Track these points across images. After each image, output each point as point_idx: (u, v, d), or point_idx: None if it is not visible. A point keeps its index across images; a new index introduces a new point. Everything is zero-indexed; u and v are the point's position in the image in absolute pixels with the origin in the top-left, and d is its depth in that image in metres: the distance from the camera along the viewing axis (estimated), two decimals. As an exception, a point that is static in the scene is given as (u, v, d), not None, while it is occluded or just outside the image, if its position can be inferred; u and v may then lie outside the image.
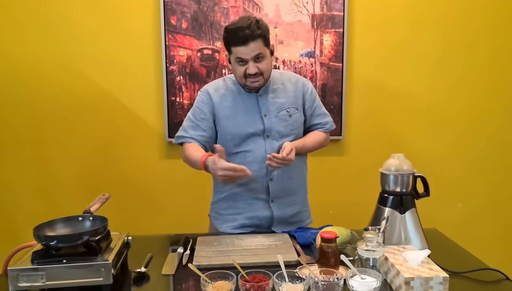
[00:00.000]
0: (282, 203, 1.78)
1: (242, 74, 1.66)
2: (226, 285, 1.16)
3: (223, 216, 1.84)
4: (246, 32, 1.59)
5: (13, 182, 2.54)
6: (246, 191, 1.76)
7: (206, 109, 1.77)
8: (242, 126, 1.73)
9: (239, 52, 1.62)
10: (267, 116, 1.74)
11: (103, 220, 1.34)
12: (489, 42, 2.60)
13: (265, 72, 1.67)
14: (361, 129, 2.61)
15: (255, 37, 1.60)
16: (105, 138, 2.54)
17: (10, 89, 2.47)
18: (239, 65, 1.66)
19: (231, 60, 1.70)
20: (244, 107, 1.75)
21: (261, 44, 1.63)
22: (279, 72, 1.87)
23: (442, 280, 1.16)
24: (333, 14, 2.49)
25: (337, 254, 1.29)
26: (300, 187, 1.85)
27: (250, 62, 1.63)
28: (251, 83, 1.68)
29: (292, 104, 1.78)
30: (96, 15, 2.44)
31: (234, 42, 1.62)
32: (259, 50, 1.62)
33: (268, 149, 1.72)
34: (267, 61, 1.67)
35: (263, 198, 1.76)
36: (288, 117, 1.76)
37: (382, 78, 2.59)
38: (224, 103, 1.76)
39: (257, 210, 1.77)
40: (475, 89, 2.63)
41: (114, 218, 1.50)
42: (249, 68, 1.64)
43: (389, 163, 1.57)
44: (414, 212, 1.55)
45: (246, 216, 1.78)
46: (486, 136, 2.67)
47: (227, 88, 1.79)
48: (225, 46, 1.69)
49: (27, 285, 1.18)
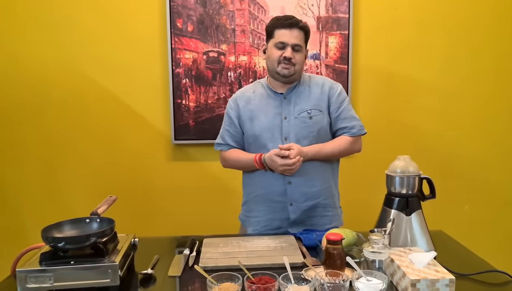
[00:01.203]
0: (301, 207, 1.78)
1: (277, 57, 1.72)
2: (232, 286, 1.16)
3: (249, 218, 1.88)
4: (293, 20, 1.73)
5: (20, 184, 2.56)
6: (266, 194, 1.79)
7: (232, 115, 1.85)
8: (261, 128, 1.78)
9: (282, 35, 1.71)
10: (287, 119, 1.77)
11: (110, 222, 1.35)
12: (495, 44, 2.59)
13: (297, 64, 1.74)
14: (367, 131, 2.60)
15: (300, 27, 1.72)
16: (111, 140, 2.56)
17: (17, 92, 2.50)
18: (277, 49, 1.73)
19: (269, 46, 1.76)
20: (266, 109, 1.79)
21: (302, 37, 1.74)
22: (308, 75, 1.88)
23: (449, 282, 1.15)
24: (338, 16, 2.49)
25: (343, 256, 1.29)
26: (323, 192, 1.81)
27: (288, 47, 1.71)
28: (283, 70, 1.73)
29: (314, 106, 1.78)
30: (102, 18, 2.46)
31: (280, 25, 1.72)
32: (299, 40, 1.72)
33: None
34: (301, 55, 1.76)
35: (281, 201, 1.79)
36: (308, 119, 1.76)
37: (387, 80, 2.59)
38: (248, 106, 1.83)
39: (275, 212, 1.80)
40: (480, 91, 2.62)
41: (121, 220, 1.51)
42: (286, 52, 1.71)
43: (395, 164, 1.56)
44: (420, 214, 1.54)
45: (267, 218, 1.82)
46: (492, 138, 2.66)
47: (254, 91, 1.86)
48: (268, 32, 1.77)
49: (35, 286, 1.19)
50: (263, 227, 1.83)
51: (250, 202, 1.88)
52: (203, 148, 2.56)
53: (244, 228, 1.93)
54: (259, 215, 1.84)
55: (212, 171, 2.56)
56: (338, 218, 1.89)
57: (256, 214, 1.85)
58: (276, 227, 1.82)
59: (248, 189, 1.89)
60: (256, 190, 1.83)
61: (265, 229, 1.83)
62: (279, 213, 1.80)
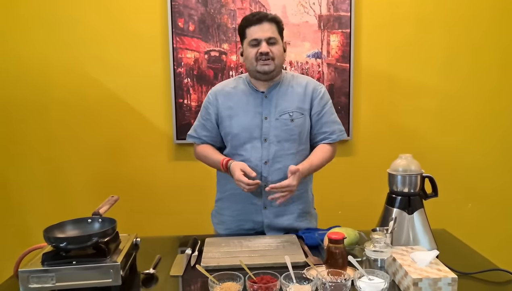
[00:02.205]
0: (275, 210, 1.76)
1: (254, 55, 1.68)
2: (233, 286, 1.16)
3: (222, 216, 1.87)
4: (260, 14, 1.69)
5: (23, 183, 2.57)
6: (241, 194, 1.74)
7: (210, 110, 1.80)
8: (240, 127, 1.73)
9: (253, 33, 1.67)
10: (267, 119, 1.73)
11: (112, 222, 1.35)
12: (497, 41, 2.57)
13: (276, 57, 1.69)
14: (368, 130, 2.61)
15: (269, 19, 1.68)
16: (113, 140, 2.56)
17: (20, 91, 2.50)
18: (251, 48, 1.69)
19: (244, 46, 1.72)
20: (246, 108, 1.74)
21: (274, 29, 1.69)
22: (291, 74, 1.83)
23: (451, 281, 1.15)
24: (340, 14, 2.48)
25: (344, 255, 1.28)
26: (298, 198, 1.78)
27: (263, 42, 1.66)
28: (262, 67, 1.68)
29: (296, 109, 1.74)
30: (104, 18, 2.46)
31: (248, 23, 1.68)
32: (272, 33, 1.67)
33: (265, 154, 1.72)
34: (279, 47, 1.70)
35: (257, 203, 1.76)
36: (290, 121, 1.72)
37: (389, 78, 2.58)
38: (227, 103, 1.77)
39: (250, 214, 1.78)
40: (483, 89, 2.61)
41: (123, 220, 1.51)
42: (261, 47, 1.66)
43: (397, 163, 1.56)
44: (422, 213, 1.54)
45: (240, 218, 1.80)
46: (495, 136, 2.65)
47: (235, 87, 1.80)
48: (240, 33, 1.73)
49: (37, 286, 1.19)
50: (236, 226, 1.81)
51: (225, 199, 1.86)
52: (205, 147, 2.56)
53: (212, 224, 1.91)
54: (233, 214, 1.82)
55: (214, 170, 2.54)
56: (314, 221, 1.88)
57: (230, 213, 1.83)
58: (250, 228, 1.79)
59: (223, 186, 1.86)
60: (231, 188, 1.76)
61: (238, 228, 1.81)
62: (253, 215, 1.77)
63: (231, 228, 1.82)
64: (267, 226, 1.77)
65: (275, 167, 1.71)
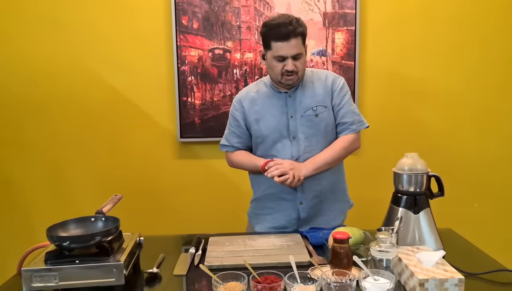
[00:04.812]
0: (310, 206, 1.79)
1: (279, 71, 1.68)
2: (237, 286, 1.16)
3: (259, 215, 1.89)
4: (289, 28, 1.61)
5: (26, 182, 2.58)
6: (276, 192, 1.79)
7: (238, 117, 1.83)
8: (269, 129, 1.76)
9: (279, 49, 1.64)
10: (293, 117, 1.75)
11: (115, 221, 1.35)
12: (504, 37, 2.54)
13: (300, 70, 1.70)
14: (374, 128, 2.57)
15: (296, 34, 1.62)
16: (117, 139, 2.56)
17: (24, 91, 2.51)
18: (277, 62, 1.67)
19: (268, 57, 1.70)
20: (272, 109, 1.77)
21: (300, 42, 1.66)
22: (310, 70, 1.85)
23: (458, 281, 1.13)
24: (345, 12, 2.46)
25: (349, 255, 1.27)
26: (331, 193, 1.82)
27: (289, 60, 1.65)
28: (286, 81, 1.70)
29: (319, 103, 1.76)
30: (108, 17, 2.46)
31: (275, 37, 1.63)
32: (299, 49, 1.65)
33: (294, 151, 1.75)
34: (303, 60, 1.70)
35: (291, 199, 1.79)
36: (314, 117, 1.74)
37: (395, 76, 2.56)
38: (254, 108, 1.80)
39: (285, 210, 1.80)
40: (490, 87, 2.58)
41: (126, 219, 1.50)
42: (288, 65, 1.65)
43: (403, 162, 1.55)
44: (428, 212, 1.52)
45: (276, 216, 1.83)
46: (501, 134, 2.62)
47: (257, 91, 1.83)
48: (264, 41, 1.70)
49: (40, 285, 1.19)
50: (273, 224, 1.83)
51: (261, 199, 1.88)
52: (209, 145, 2.55)
53: (251, 224, 1.93)
54: (269, 212, 1.85)
55: (218, 168, 2.55)
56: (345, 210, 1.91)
57: (266, 212, 1.86)
58: (285, 225, 1.82)
59: (257, 186, 1.89)
60: (266, 188, 1.82)
61: (274, 226, 1.83)
62: (288, 211, 1.80)
63: (268, 226, 1.84)
64: (303, 220, 1.80)
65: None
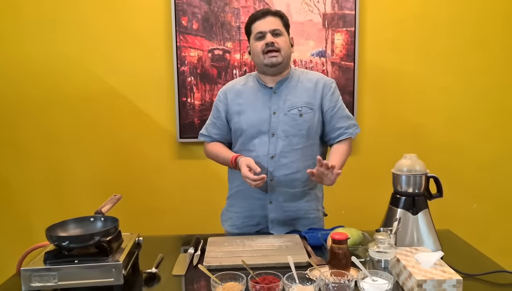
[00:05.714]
0: (281, 205, 1.76)
1: (260, 49, 1.70)
2: (236, 286, 1.16)
3: (229, 213, 1.88)
4: (265, 8, 1.78)
5: (25, 181, 2.58)
6: (247, 189, 1.75)
7: (220, 108, 1.83)
8: (248, 123, 1.75)
9: (257, 26, 1.71)
10: (276, 114, 1.73)
11: (114, 221, 1.35)
12: (504, 37, 2.54)
13: (282, 49, 1.71)
14: (373, 129, 2.59)
15: (274, 13, 1.72)
16: (116, 139, 2.56)
17: (24, 90, 2.51)
18: (258, 41, 1.71)
19: (251, 42, 1.75)
20: (255, 103, 1.76)
21: (279, 22, 1.72)
22: (301, 70, 1.84)
23: (456, 282, 1.14)
24: (344, 13, 2.47)
25: (348, 255, 1.27)
26: (306, 194, 1.79)
27: (267, 34, 1.69)
28: (269, 58, 1.70)
29: (306, 104, 1.74)
30: (107, 17, 2.46)
31: (254, 18, 1.73)
32: (276, 25, 1.70)
33: (272, 148, 1.72)
34: (284, 39, 1.72)
35: (263, 198, 1.77)
36: (299, 116, 1.73)
37: (394, 77, 2.56)
38: (237, 100, 1.80)
39: (256, 209, 1.79)
40: (489, 87, 2.58)
41: (125, 219, 1.51)
42: (266, 38, 1.69)
43: (401, 163, 1.55)
44: (427, 213, 1.52)
45: (246, 215, 1.81)
46: (501, 135, 2.62)
47: (244, 84, 1.83)
48: (246, 30, 1.78)
49: (39, 285, 1.19)
50: (242, 223, 1.82)
51: (232, 196, 1.87)
52: (209, 146, 2.55)
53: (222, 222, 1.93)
54: (239, 211, 1.83)
55: (217, 169, 2.52)
56: (320, 220, 1.86)
57: (237, 210, 1.85)
58: (255, 224, 1.81)
59: (231, 183, 1.88)
60: (239, 185, 1.80)
61: (243, 225, 1.82)
62: (258, 210, 1.79)
63: (237, 225, 1.84)
64: (272, 220, 1.78)
65: (281, 162, 1.72)
